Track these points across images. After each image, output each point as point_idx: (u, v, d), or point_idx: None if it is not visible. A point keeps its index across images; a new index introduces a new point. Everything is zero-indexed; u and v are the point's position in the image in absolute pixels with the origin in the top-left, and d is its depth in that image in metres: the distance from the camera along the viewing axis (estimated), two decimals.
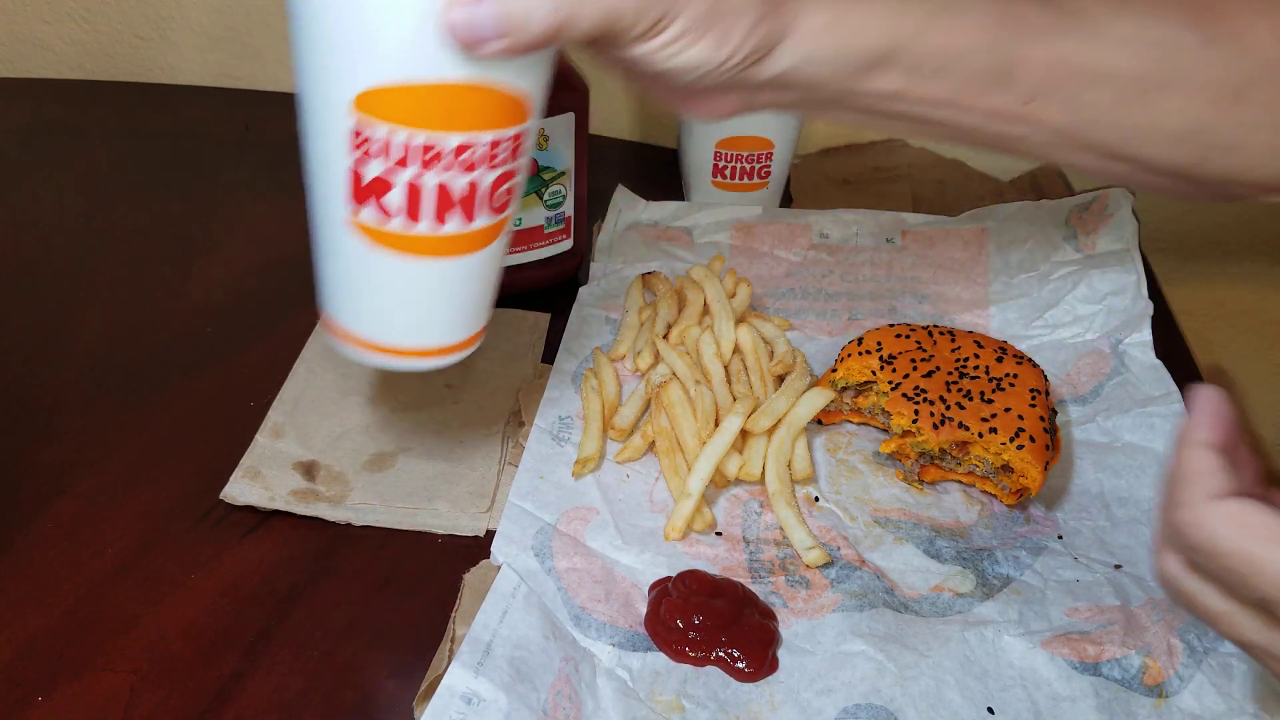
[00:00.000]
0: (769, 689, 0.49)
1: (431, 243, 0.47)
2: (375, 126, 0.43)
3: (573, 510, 0.57)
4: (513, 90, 0.44)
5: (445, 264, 0.48)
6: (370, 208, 0.46)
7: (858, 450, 0.63)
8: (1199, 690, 0.49)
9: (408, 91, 0.43)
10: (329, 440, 0.61)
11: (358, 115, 0.43)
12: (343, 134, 0.44)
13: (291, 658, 0.50)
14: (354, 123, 0.44)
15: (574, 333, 0.69)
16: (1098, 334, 0.68)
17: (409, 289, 0.49)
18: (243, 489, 0.57)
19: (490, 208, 0.47)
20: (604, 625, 0.51)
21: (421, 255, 0.47)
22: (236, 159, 0.90)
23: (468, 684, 0.46)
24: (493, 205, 0.47)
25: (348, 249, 0.47)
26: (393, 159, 0.44)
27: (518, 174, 0.48)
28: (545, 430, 0.61)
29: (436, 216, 0.46)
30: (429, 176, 0.45)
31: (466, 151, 0.45)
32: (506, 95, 0.44)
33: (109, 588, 0.53)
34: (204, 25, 1.00)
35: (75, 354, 0.68)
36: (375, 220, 0.46)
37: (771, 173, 0.81)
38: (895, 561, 0.56)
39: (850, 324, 0.72)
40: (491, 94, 0.44)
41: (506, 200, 0.48)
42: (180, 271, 0.76)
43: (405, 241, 0.47)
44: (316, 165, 0.47)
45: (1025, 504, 0.59)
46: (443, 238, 0.47)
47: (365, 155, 0.44)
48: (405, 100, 0.43)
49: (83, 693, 0.48)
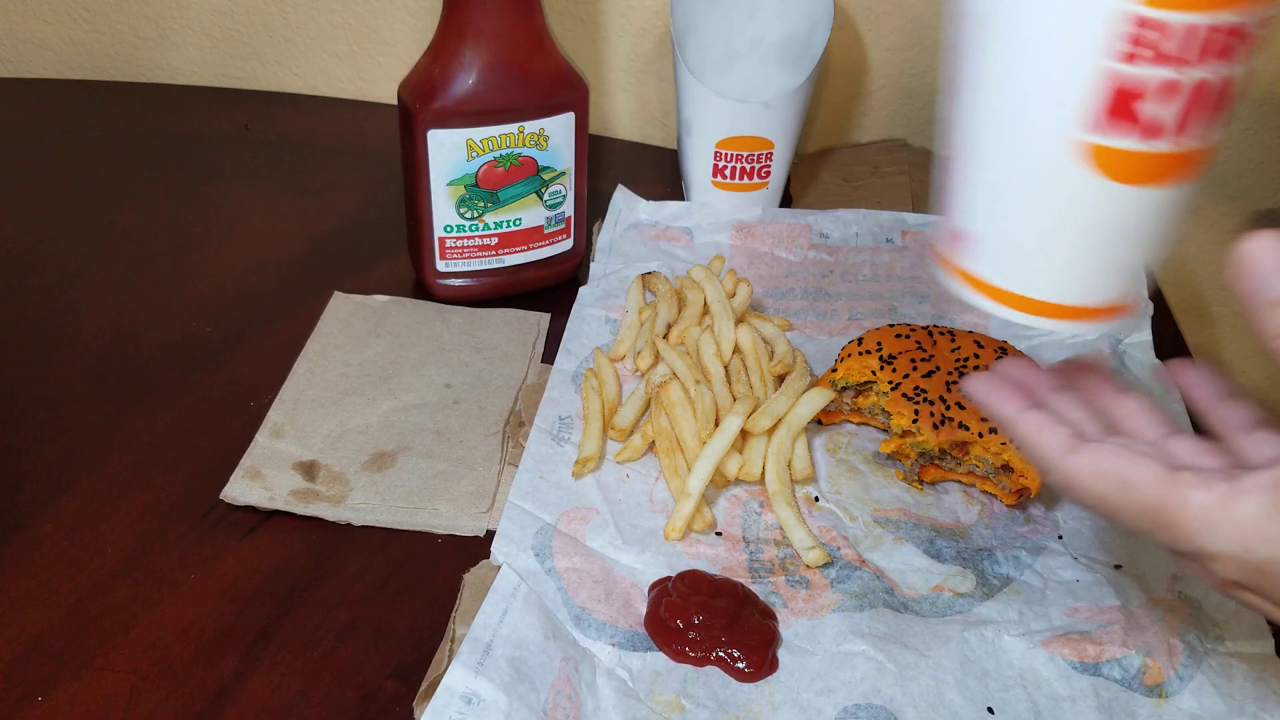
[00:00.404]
0: (769, 689, 0.49)
1: (1169, 164, 0.38)
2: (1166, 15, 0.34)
3: (573, 510, 0.57)
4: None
5: (1163, 195, 0.39)
6: (1126, 126, 0.37)
7: (858, 450, 0.63)
8: (1199, 690, 0.49)
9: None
10: (329, 440, 0.61)
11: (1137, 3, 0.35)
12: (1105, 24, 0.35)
13: (291, 658, 0.50)
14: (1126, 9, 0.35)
15: (574, 333, 0.69)
16: (1098, 334, 0.69)
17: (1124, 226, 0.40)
18: (243, 489, 0.57)
19: (1227, 110, 0.38)
20: (604, 625, 0.51)
21: (1152, 184, 0.38)
22: (236, 159, 0.90)
23: (468, 684, 0.46)
24: (1227, 109, 0.38)
25: (1061, 183, 0.39)
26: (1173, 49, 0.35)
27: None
28: (545, 430, 0.61)
29: (1195, 124, 0.37)
30: (1198, 70, 0.36)
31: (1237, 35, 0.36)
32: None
33: (109, 588, 0.53)
34: (204, 25, 1.00)
35: (75, 354, 0.68)
36: (1121, 140, 0.37)
37: (771, 173, 0.81)
38: (895, 561, 0.56)
39: (850, 324, 0.72)
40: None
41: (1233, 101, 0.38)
42: (180, 271, 0.76)
43: (1150, 165, 0.38)
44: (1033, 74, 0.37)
45: (1025, 504, 0.59)
46: (1181, 156, 0.38)
47: (1137, 55, 0.35)
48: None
49: (83, 693, 0.48)
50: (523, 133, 0.68)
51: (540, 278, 0.74)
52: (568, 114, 0.69)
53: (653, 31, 0.93)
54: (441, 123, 0.66)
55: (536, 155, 0.69)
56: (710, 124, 0.78)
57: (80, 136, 0.92)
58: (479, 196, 0.69)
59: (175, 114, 0.97)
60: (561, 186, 0.71)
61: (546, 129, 0.68)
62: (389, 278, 0.75)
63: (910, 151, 0.93)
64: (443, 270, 0.72)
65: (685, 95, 0.79)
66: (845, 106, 0.96)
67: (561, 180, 0.71)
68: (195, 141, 0.92)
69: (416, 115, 0.66)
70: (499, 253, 0.72)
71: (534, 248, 0.73)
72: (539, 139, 0.68)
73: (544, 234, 0.72)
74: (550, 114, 0.68)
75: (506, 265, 0.72)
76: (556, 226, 0.73)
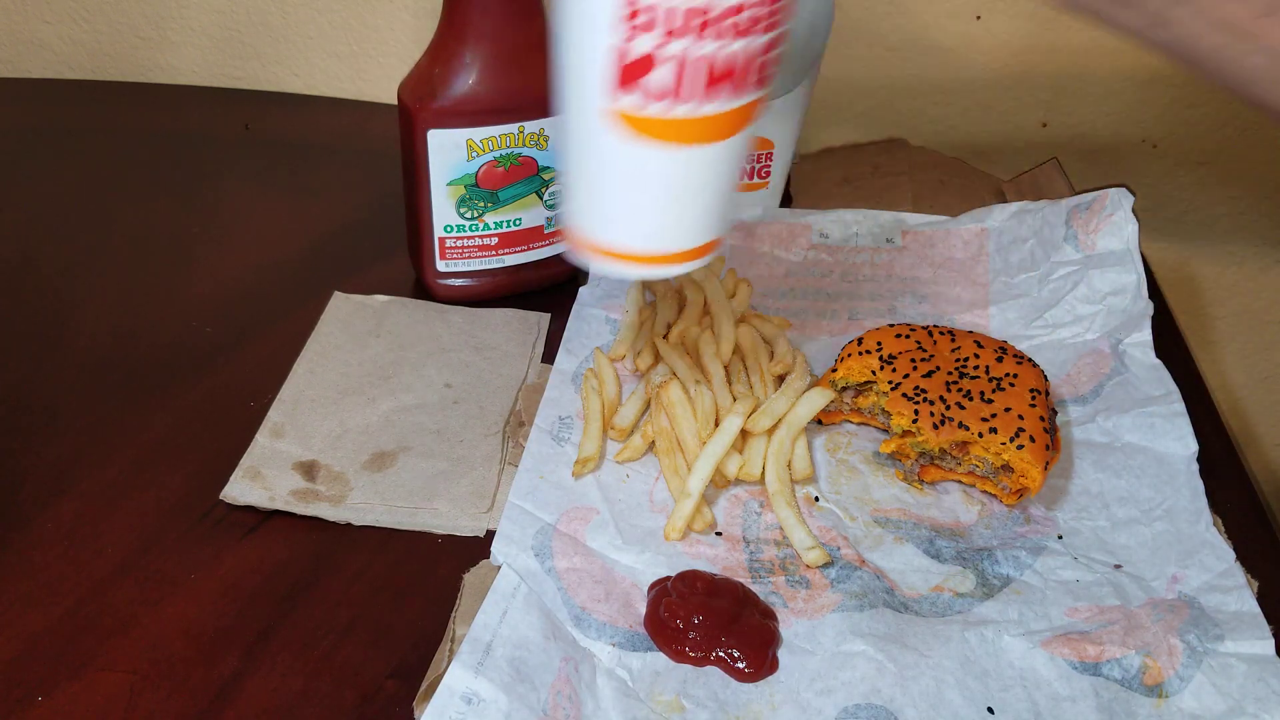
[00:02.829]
0: (769, 689, 0.49)
1: (694, 127, 0.44)
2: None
3: (573, 510, 0.57)
4: None
5: (703, 152, 0.45)
6: (635, 91, 0.43)
7: (858, 450, 0.63)
8: (1199, 690, 0.49)
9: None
10: (329, 440, 0.61)
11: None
12: (607, 9, 0.41)
13: (291, 658, 0.50)
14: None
15: (574, 333, 0.69)
16: (1098, 334, 0.68)
17: (669, 182, 0.46)
18: (243, 489, 0.57)
19: (758, 80, 0.44)
20: (604, 625, 0.51)
21: (682, 143, 0.44)
22: (236, 159, 0.90)
23: (468, 684, 0.46)
24: (761, 76, 0.44)
25: (602, 147, 0.45)
26: (668, 29, 0.41)
27: (784, 38, 0.44)
28: (545, 430, 0.61)
29: (704, 93, 0.43)
30: (703, 45, 0.41)
31: (747, 10, 0.41)
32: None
33: (109, 588, 0.53)
34: (204, 25, 1.00)
35: (75, 354, 0.68)
36: (637, 104, 0.43)
37: (771, 173, 0.81)
38: (895, 561, 0.56)
39: (850, 324, 0.72)
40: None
41: (771, 70, 0.44)
42: (180, 271, 0.76)
43: (667, 127, 0.44)
44: (573, 55, 0.44)
45: (1025, 504, 0.59)
46: (705, 119, 0.44)
47: (634, 29, 0.41)
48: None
49: (83, 693, 0.48)
50: (523, 133, 0.68)
51: (540, 278, 0.74)
52: None
53: None
54: (441, 123, 0.66)
55: (536, 155, 0.69)
56: None
57: (80, 136, 0.92)
58: (479, 196, 0.69)
59: (175, 114, 0.97)
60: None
61: (546, 129, 0.68)
62: (389, 278, 0.75)
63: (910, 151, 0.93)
64: (443, 270, 0.72)
65: None
66: (845, 106, 0.96)
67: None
68: (195, 141, 0.92)
69: (416, 115, 0.66)
70: (499, 253, 0.72)
71: (534, 248, 0.73)
72: (539, 139, 0.68)
73: (544, 234, 0.72)
74: (550, 114, 0.68)
75: (506, 265, 0.72)
76: (556, 226, 0.73)
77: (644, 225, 0.47)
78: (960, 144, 0.96)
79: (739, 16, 0.41)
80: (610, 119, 0.43)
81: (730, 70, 0.42)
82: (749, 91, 0.44)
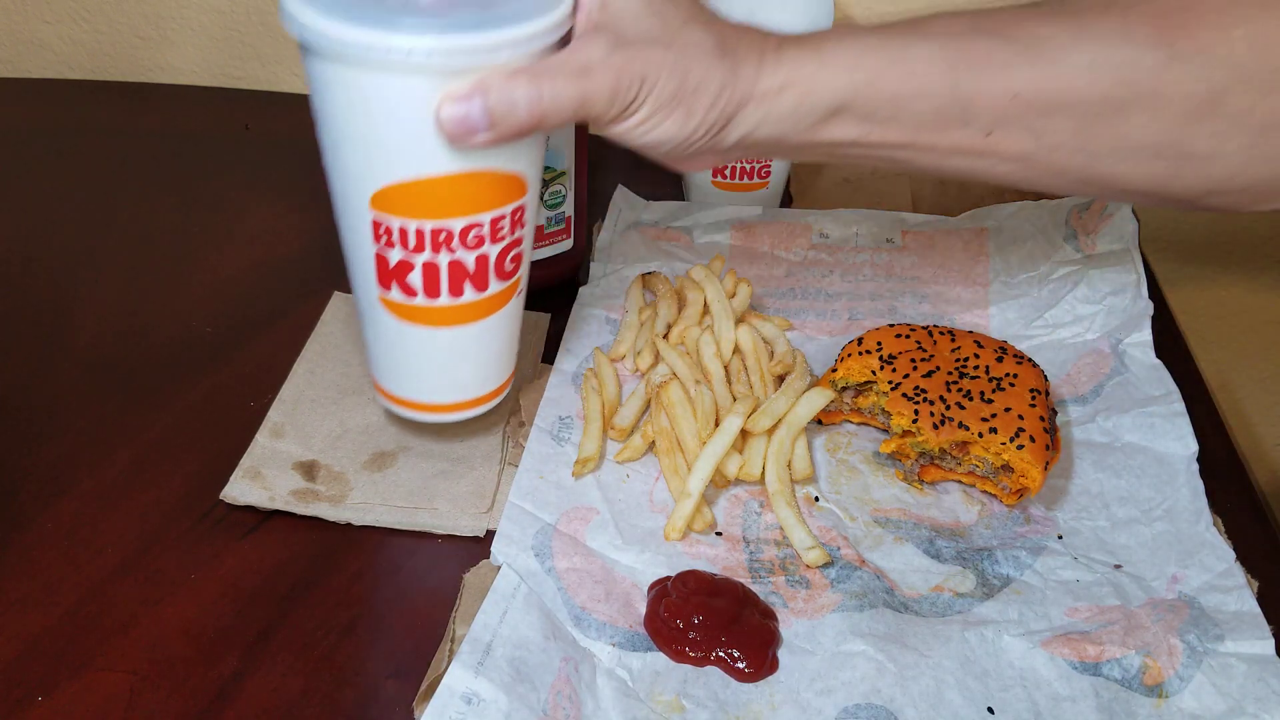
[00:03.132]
0: (769, 689, 0.49)
1: (451, 312, 0.52)
2: (391, 219, 0.49)
3: (573, 510, 0.57)
4: (508, 171, 0.49)
5: (465, 329, 0.53)
6: (395, 288, 0.51)
7: (858, 450, 0.63)
8: (1199, 690, 0.49)
9: (416, 186, 0.48)
10: (329, 440, 0.61)
11: (376, 211, 0.49)
12: (366, 227, 0.49)
13: (291, 658, 0.50)
14: (373, 217, 0.49)
15: (574, 333, 0.69)
16: (1098, 334, 0.68)
17: (436, 354, 0.54)
18: (243, 489, 0.57)
19: (500, 275, 0.52)
20: (604, 625, 0.51)
21: (443, 325, 0.53)
22: (236, 159, 0.90)
23: (468, 684, 0.46)
24: (502, 273, 0.52)
25: (381, 323, 0.53)
26: (409, 246, 0.49)
27: (523, 241, 0.53)
28: (545, 430, 0.61)
29: (452, 290, 0.51)
30: (442, 257, 0.50)
31: (473, 231, 0.50)
32: (503, 176, 0.49)
33: (109, 588, 0.53)
34: (204, 25, 1.00)
35: (75, 354, 0.68)
36: (401, 298, 0.51)
37: (771, 173, 0.81)
38: (895, 561, 0.56)
39: (850, 324, 0.72)
40: (489, 178, 0.49)
41: (515, 266, 0.53)
42: (180, 271, 0.76)
43: (428, 314, 0.52)
44: (349, 251, 0.52)
45: (1025, 504, 0.59)
46: (460, 307, 0.52)
47: (387, 244, 0.49)
48: (414, 195, 0.48)
49: (83, 693, 0.48)
50: None
51: (540, 278, 0.74)
52: None
53: None
54: None
55: None
56: None
57: (80, 136, 0.92)
58: None
59: (175, 114, 0.97)
60: (561, 186, 0.71)
61: None
62: None
63: None
64: None
65: None
66: None
67: (561, 180, 0.71)
68: (195, 141, 0.92)
69: None
70: None
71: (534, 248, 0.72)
72: None
73: (544, 234, 0.72)
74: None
75: None
76: (556, 226, 0.72)
77: (422, 384, 0.56)
78: None
79: (469, 236, 0.50)
80: (383, 305, 0.52)
81: (470, 273, 0.51)
82: (494, 285, 0.52)
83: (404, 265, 0.50)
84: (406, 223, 0.48)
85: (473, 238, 0.50)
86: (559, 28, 0.46)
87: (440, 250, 0.50)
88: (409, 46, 0.43)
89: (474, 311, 0.53)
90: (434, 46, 0.43)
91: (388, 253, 0.50)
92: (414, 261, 0.50)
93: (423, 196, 0.48)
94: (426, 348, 0.54)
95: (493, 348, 0.56)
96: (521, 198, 0.51)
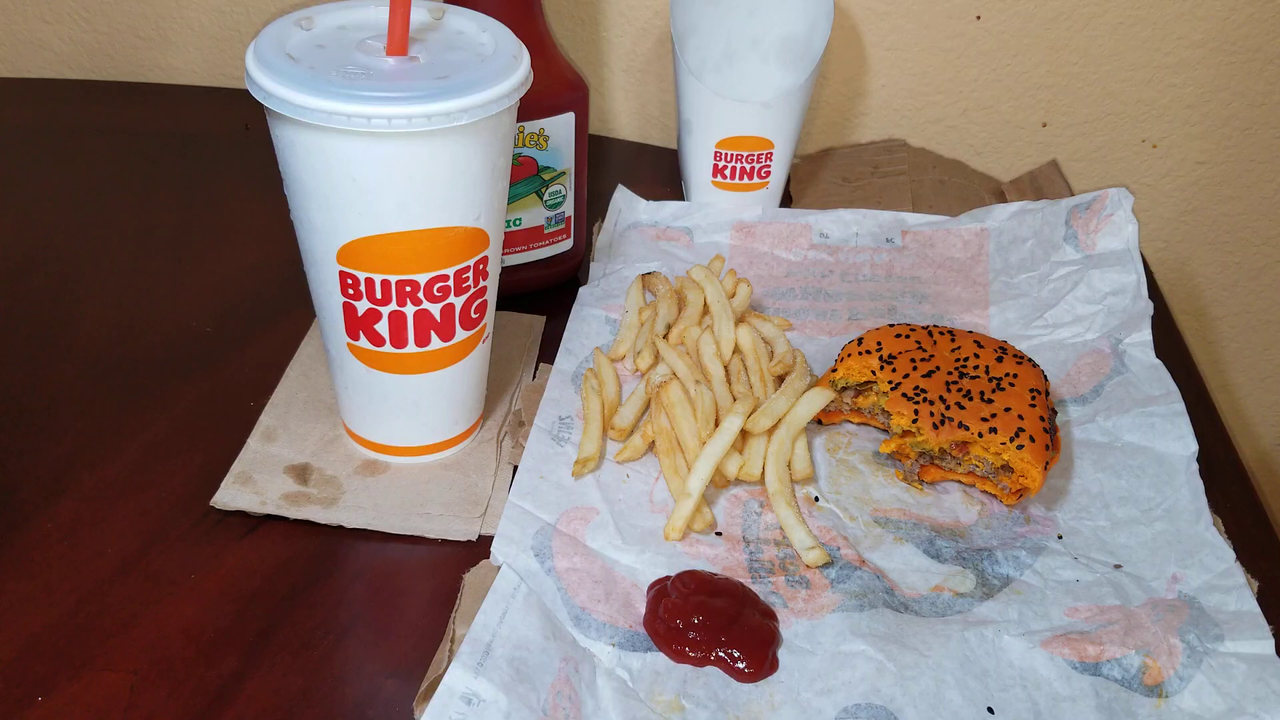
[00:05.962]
0: (769, 689, 0.49)
1: (418, 360, 0.54)
2: (357, 272, 0.50)
3: (573, 510, 0.57)
4: (470, 226, 0.51)
5: (433, 376, 0.55)
6: (363, 336, 0.53)
7: (858, 450, 0.63)
8: (1199, 690, 0.49)
9: (379, 241, 0.49)
10: (322, 443, 0.61)
11: (342, 264, 0.50)
12: (333, 278, 0.51)
13: (291, 658, 0.50)
14: (340, 269, 0.50)
15: (574, 333, 0.69)
16: (1098, 334, 0.69)
17: (404, 400, 0.56)
18: (233, 494, 0.57)
19: (465, 325, 0.54)
20: (604, 625, 0.51)
21: (411, 373, 0.55)
22: (236, 159, 0.90)
23: (468, 684, 0.46)
24: (468, 321, 0.54)
25: (350, 369, 0.55)
26: (375, 297, 0.51)
27: (487, 291, 0.55)
28: (545, 430, 0.61)
29: (419, 340, 0.53)
30: (408, 308, 0.52)
31: (438, 284, 0.51)
32: (465, 231, 0.50)
33: (109, 588, 0.53)
34: (204, 25, 1.00)
35: (75, 354, 0.68)
36: (368, 346, 0.53)
37: (771, 173, 0.81)
38: (895, 561, 0.56)
39: (850, 324, 0.72)
40: (452, 233, 0.50)
41: (480, 315, 0.55)
42: (180, 271, 0.76)
43: (395, 362, 0.54)
44: (318, 301, 0.54)
45: (1025, 504, 0.59)
46: (427, 355, 0.54)
47: (354, 295, 0.51)
48: (378, 249, 0.49)
49: (83, 693, 0.48)
50: (523, 133, 0.68)
51: (540, 278, 0.74)
52: (568, 114, 0.69)
53: (652, 31, 0.93)
54: None
55: (536, 155, 0.69)
56: (710, 124, 0.78)
57: (80, 136, 0.92)
58: None
59: (175, 114, 0.97)
60: (561, 186, 0.71)
61: (546, 129, 0.68)
62: None
63: (910, 151, 0.93)
64: None
65: (685, 95, 0.79)
66: (845, 106, 0.96)
67: (561, 180, 0.71)
68: (195, 141, 0.92)
69: None
70: None
71: (534, 248, 0.73)
72: (539, 139, 0.68)
73: (544, 234, 0.72)
74: (550, 114, 0.68)
75: (506, 265, 0.72)
76: (556, 226, 0.72)
77: (390, 427, 0.58)
78: (960, 144, 0.96)
79: (434, 288, 0.51)
80: (352, 352, 0.54)
81: (437, 323, 0.53)
82: (460, 334, 0.54)
83: (371, 314, 0.52)
84: (372, 275, 0.50)
85: (438, 289, 0.52)
86: (514, 93, 0.49)
87: (406, 302, 0.51)
88: (370, 114, 0.45)
89: (441, 359, 0.55)
90: (395, 113, 0.45)
91: (355, 303, 0.52)
92: (381, 311, 0.52)
93: (386, 251, 0.50)
94: (394, 394, 0.56)
95: (459, 393, 0.58)
96: (484, 250, 0.52)
